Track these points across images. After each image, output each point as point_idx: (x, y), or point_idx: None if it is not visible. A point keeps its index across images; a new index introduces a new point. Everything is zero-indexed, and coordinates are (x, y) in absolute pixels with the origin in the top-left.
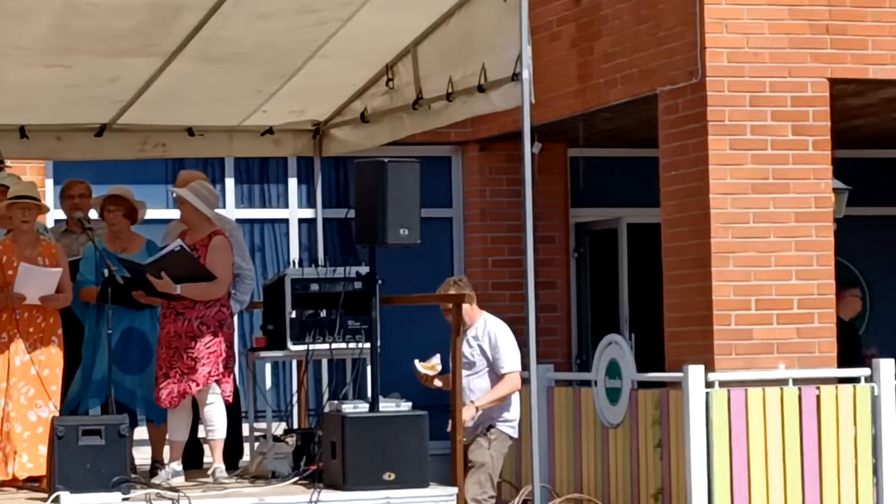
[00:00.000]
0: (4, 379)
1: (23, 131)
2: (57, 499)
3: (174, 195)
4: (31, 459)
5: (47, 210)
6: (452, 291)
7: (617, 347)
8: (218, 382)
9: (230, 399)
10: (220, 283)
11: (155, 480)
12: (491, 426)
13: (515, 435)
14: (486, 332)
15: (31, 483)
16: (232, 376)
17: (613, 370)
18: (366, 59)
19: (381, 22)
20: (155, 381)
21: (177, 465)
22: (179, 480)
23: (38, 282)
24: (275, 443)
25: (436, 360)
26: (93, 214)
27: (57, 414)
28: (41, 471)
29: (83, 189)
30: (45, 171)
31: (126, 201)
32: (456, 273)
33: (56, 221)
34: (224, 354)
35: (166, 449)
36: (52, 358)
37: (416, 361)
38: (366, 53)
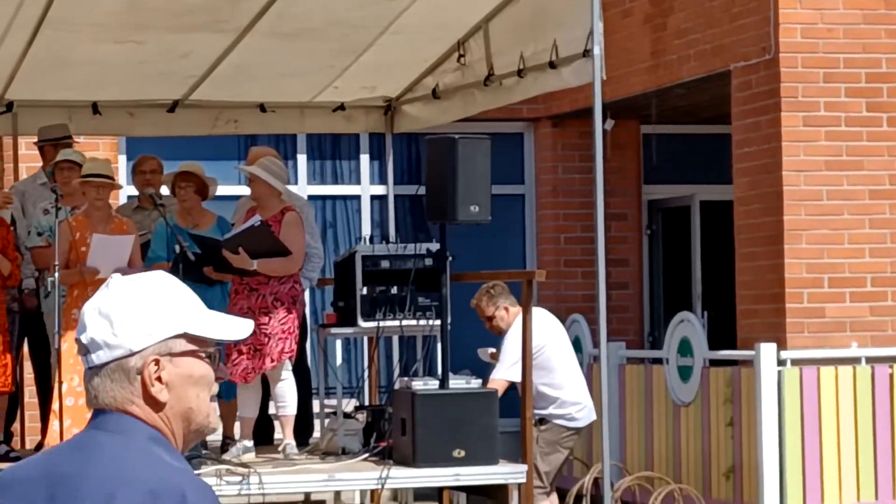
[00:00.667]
0: (73, 356)
1: (95, 107)
2: None
3: (245, 173)
4: None
5: (120, 187)
6: (485, 300)
7: (689, 325)
8: (290, 359)
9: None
10: (294, 258)
11: (225, 457)
12: (543, 420)
13: (576, 424)
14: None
15: None
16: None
17: (685, 348)
18: (437, 35)
19: None
20: (225, 357)
21: (247, 442)
22: (250, 457)
23: (110, 253)
24: (345, 419)
25: (494, 350)
26: (164, 191)
27: None
28: None
29: (155, 165)
30: (117, 146)
31: (197, 177)
32: (528, 251)
33: (128, 198)
34: (297, 331)
35: (237, 425)
36: None
37: (479, 350)
38: (437, 29)
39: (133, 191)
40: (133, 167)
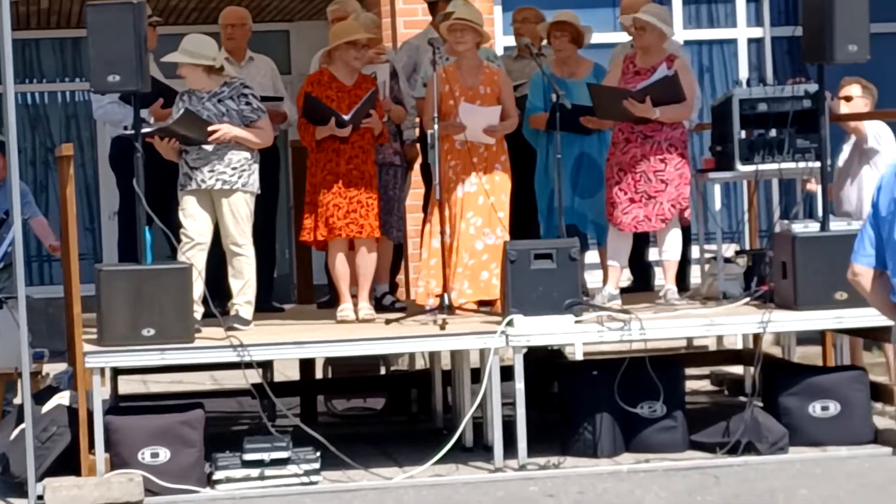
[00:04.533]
0: (454, 206)
1: None
2: (511, 322)
3: (636, 22)
4: (472, 286)
5: (488, 38)
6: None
7: None
8: (685, 205)
9: (688, 220)
10: (688, 104)
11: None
12: None
13: None
14: None
15: (484, 307)
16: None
17: None
18: None
19: None
20: (611, 204)
21: (613, 289)
22: (616, 304)
23: (479, 118)
24: (725, 264)
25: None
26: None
27: (507, 239)
28: (482, 295)
29: (527, 14)
30: None
31: (572, 26)
32: None
33: (505, 49)
34: (689, 175)
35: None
36: (498, 185)
37: None
38: None
39: (511, 41)
40: (512, 17)
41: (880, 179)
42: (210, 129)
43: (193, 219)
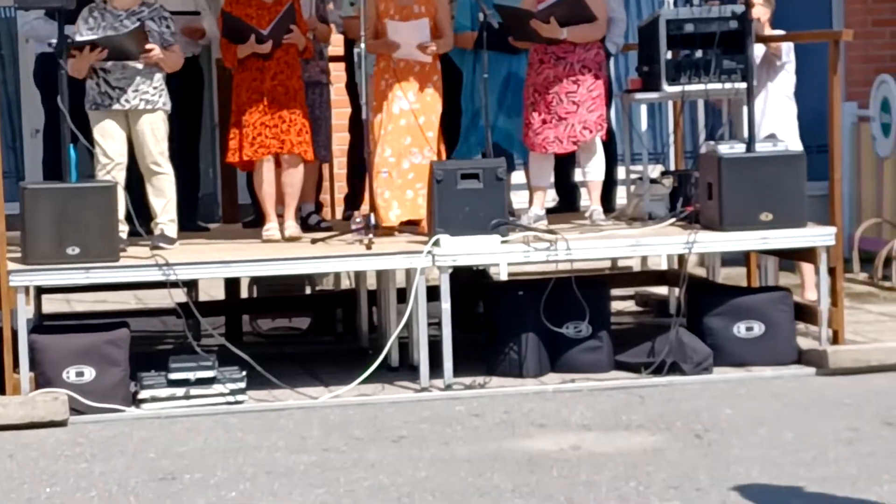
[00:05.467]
0: (382, 127)
1: None
2: (437, 242)
3: None
4: (400, 205)
5: None
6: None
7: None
8: (602, 127)
9: (606, 138)
10: (600, 24)
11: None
12: None
13: None
14: None
15: (409, 227)
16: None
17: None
18: None
19: None
20: (526, 126)
21: (539, 210)
22: (542, 224)
23: (408, 35)
24: (651, 184)
25: None
26: None
27: (433, 159)
28: (408, 215)
29: None
30: None
31: None
32: (834, 9)
33: None
34: (606, 97)
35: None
36: (429, 105)
37: None
38: None
39: None
40: None
41: None
42: (148, 47)
43: (112, 139)
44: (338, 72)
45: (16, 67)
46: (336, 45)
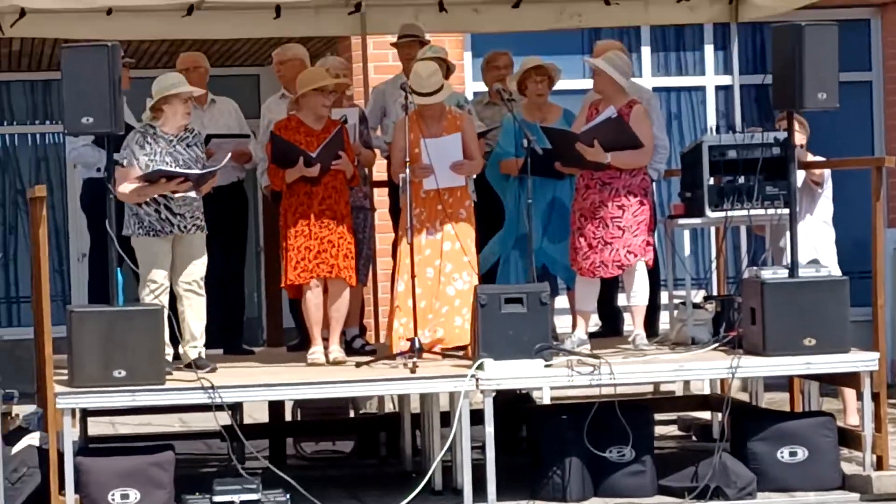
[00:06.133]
0: (420, 252)
1: (441, 5)
2: (481, 365)
3: (591, 66)
4: (447, 332)
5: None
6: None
7: None
8: (648, 251)
9: (651, 264)
10: (646, 151)
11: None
12: None
13: None
14: None
15: (455, 351)
16: (653, 244)
17: None
18: None
19: None
20: (573, 250)
21: (582, 334)
22: (585, 349)
23: (442, 151)
24: (694, 310)
25: None
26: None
27: (475, 283)
28: (455, 342)
29: (507, 60)
30: (462, 44)
31: (549, 71)
32: (876, 138)
33: (475, 94)
34: (650, 222)
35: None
36: (464, 230)
37: None
38: None
39: (481, 87)
40: (484, 63)
41: None
42: (208, 171)
43: (162, 263)
44: (381, 196)
45: (63, 192)
46: (380, 171)
